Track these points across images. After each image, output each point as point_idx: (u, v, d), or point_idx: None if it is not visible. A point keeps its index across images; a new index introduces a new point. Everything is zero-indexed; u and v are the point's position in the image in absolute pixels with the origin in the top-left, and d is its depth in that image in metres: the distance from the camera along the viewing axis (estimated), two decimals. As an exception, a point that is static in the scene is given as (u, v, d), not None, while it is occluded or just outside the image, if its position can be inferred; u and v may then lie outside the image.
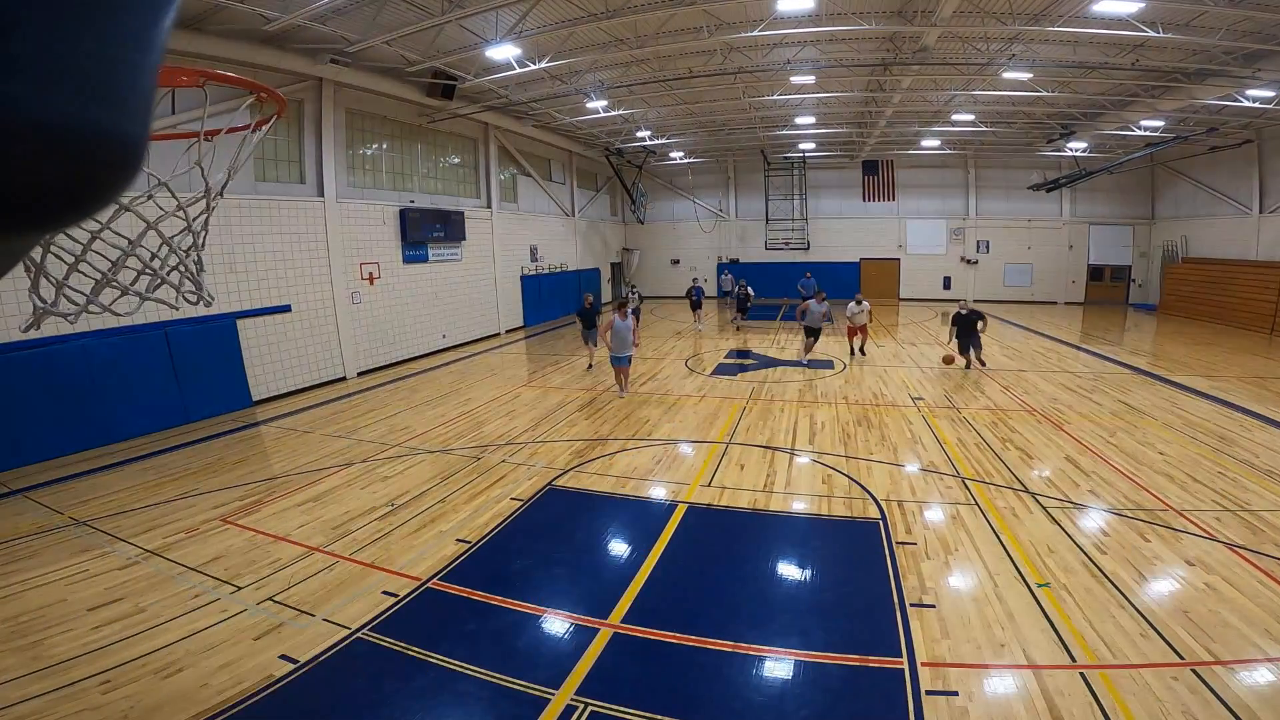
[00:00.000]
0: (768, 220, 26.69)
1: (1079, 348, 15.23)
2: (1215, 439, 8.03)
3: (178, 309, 4.64)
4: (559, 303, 22.08)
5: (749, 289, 19.29)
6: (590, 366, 13.41)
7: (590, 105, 15.84)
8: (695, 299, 19.19)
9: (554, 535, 5.83)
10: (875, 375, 12.24)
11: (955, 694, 3.59)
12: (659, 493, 6.72)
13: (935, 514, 6.03)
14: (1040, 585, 4.68)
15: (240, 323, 10.65)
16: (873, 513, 6.06)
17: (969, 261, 25.20)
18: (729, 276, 25.59)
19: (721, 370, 13.04)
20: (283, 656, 4.02)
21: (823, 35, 11.78)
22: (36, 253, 3.55)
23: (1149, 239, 23.33)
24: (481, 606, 4.62)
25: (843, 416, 9.38)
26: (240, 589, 4.88)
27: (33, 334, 7.36)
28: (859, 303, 13.48)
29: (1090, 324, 19.48)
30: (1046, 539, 5.41)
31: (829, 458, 7.61)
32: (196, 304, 4.54)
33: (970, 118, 18.05)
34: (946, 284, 25.62)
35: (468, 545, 5.56)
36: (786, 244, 26.63)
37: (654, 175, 27.31)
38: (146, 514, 6.38)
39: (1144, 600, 4.45)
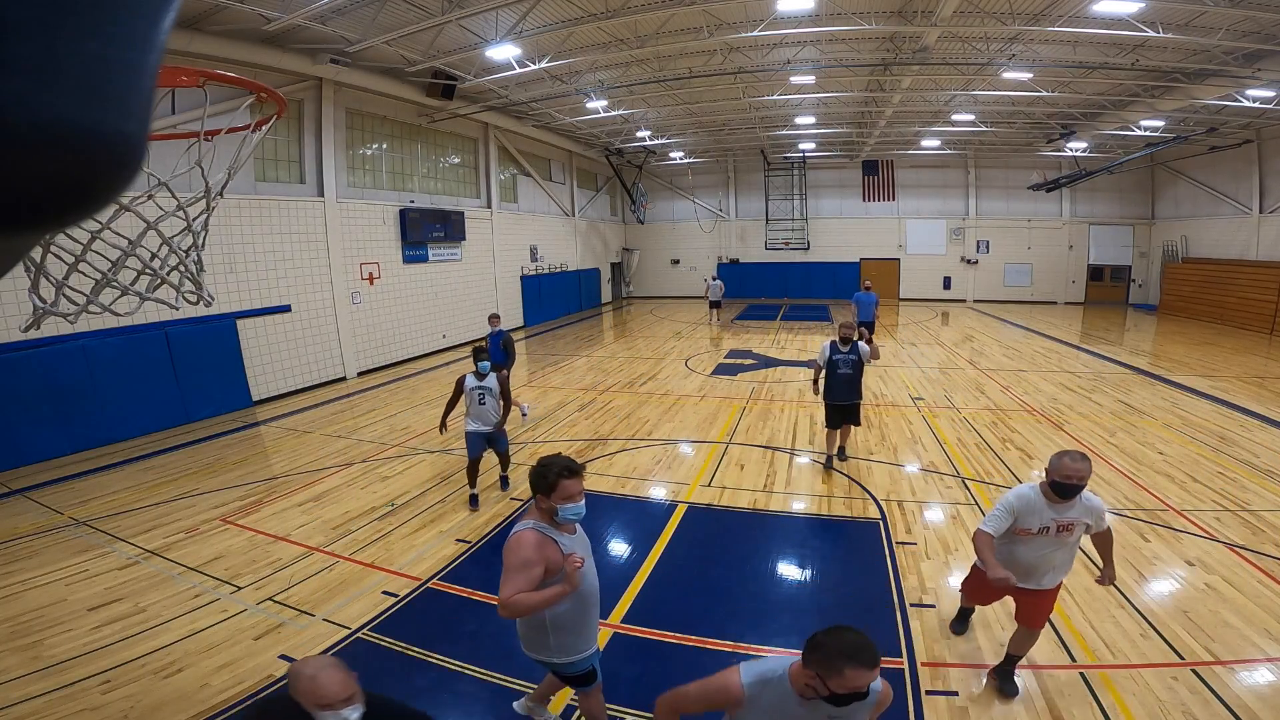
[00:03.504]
0: (768, 220, 26.69)
1: (1079, 348, 15.23)
2: (1215, 439, 8.03)
3: (178, 309, 4.64)
4: (559, 303, 22.12)
5: (860, 340, 7.01)
6: None
7: (590, 105, 15.84)
8: (490, 368, 6.28)
9: (554, 535, 5.82)
10: (875, 375, 12.23)
11: (955, 694, 3.59)
12: (659, 493, 6.72)
13: (935, 514, 6.03)
14: (1040, 585, 4.67)
15: (240, 323, 10.65)
16: (873, 513, 6.06)
17: (969, 261, 25.20)
18: (716, 283, 20.37)
19: (721, 370, 13.03)
20: (283, 656, 4.01)
21: (823, 35, 11.77)
22: (36, 253, 3.55)
23: (1149, 239, 23.33)
24: (481, 606, 4.62)
25: (843, 416, 9.37)
26: (240, 589, 4.88)
27: (33, 334, 7.36)
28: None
29: (1090, 324, 19.48)
30: (1046, 539, 5.41)
31: (829, 458, 7.60)
32: (196, 304, 4.53)
33: (970, 118, 18.04)
34: (946, 284, 25.64)
35: (468, 545, 5.56)
36: (786, 244, 26.63)
37: (654, 175, 27.31)
38: (146, 514, 6.38)
39: (1144, 600, 4.45)
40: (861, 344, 6.87)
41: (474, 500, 6.37)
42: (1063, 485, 3.14)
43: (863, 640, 1.87)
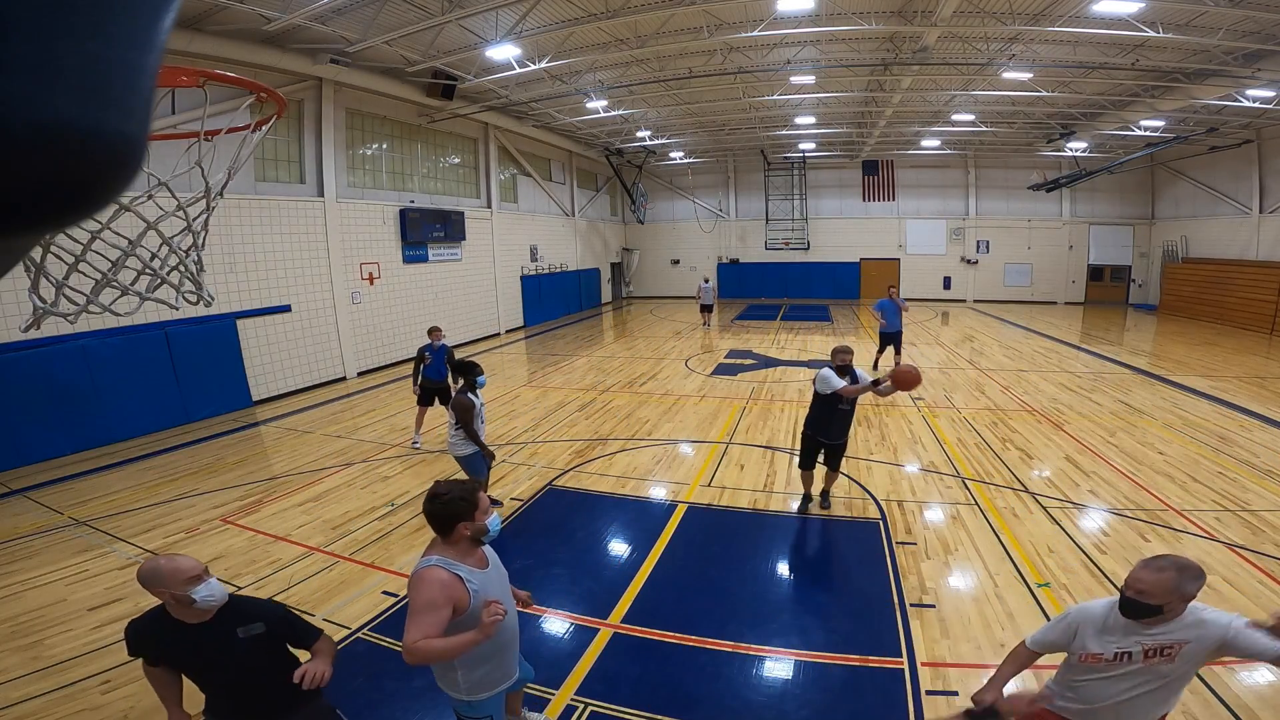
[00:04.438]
0: (768, 220, 26.69)
1: (1079, 348, 15.22)
2: (1215, 439, 8.03)
3: (178, 309, 4.64)
4: (559, 303, 22.13)
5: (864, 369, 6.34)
6: None
7: (590, 105, 15.84)
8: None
9: (554, 535, 5.83)
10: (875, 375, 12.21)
11: (955, 694, 3.58)
12: (659, 493, 6.72)
13: (935, 514, 6.03)
14: (1040, 585, 4.68)
15: (240, 323, 10.64)
16: (873, 513, 6.06)
17: (969, 261, 25.20)
18: (708, 285, 19.22)
19: (721, 370, 13.03)
20: (283, 656, 4.01)
21: (823, 35, 11.77)
22: (36, 253, 3.56)
23: (1149, 239, 23.33)
24: (481, 606, 4.62)
25: (843, 416, 9.37)
26: (240, 589, 4.88)
27: (33, 334, 7.36)
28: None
29: (1090, 324, 19.48)
30: (1046, 539, 5.41)
31: (829, 458, 7.60)
32: (196, 304, 4.54)
33: (970, 118, 18.05)
34: (946, 284, 25.63)
35: (468, 545, 5.54)
36: (786, 244, 26.63)
37: (654, 175, 27.31)
38: (146, 514, 6.38)
39: (1144, 600, 4.45)
40: (860, 371, 5.66)
41: None
42: (1131, 604, 2.23)
43: None
